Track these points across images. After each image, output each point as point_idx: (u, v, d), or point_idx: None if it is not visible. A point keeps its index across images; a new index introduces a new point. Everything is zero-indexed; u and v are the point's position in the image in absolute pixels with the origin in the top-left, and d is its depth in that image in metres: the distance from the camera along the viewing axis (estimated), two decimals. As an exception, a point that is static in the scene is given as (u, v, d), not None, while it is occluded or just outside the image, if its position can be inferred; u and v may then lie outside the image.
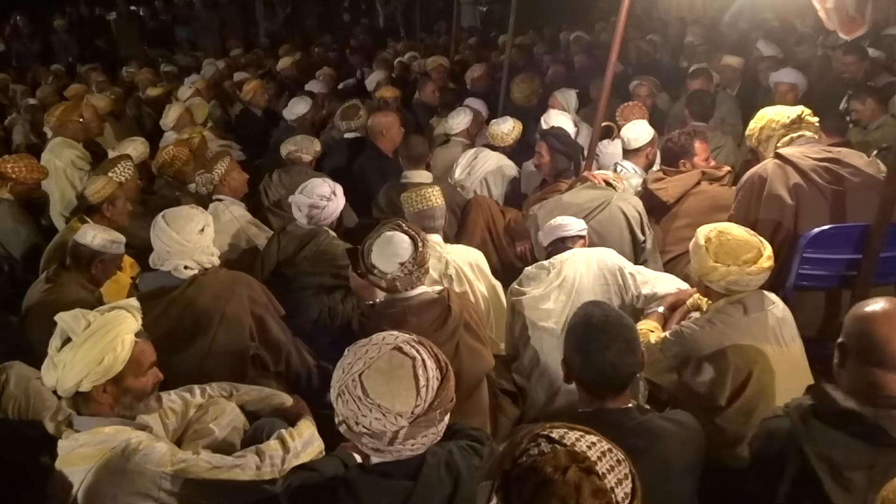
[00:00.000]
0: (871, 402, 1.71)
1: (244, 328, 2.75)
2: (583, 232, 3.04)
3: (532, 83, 5.77)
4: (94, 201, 3.66)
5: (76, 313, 1.95)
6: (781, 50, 6.54)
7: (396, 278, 2.48)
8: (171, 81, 7.72)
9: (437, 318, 2.53)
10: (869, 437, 1.70)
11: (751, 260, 2.37)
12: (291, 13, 12.96)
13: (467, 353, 2.55)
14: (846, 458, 1.71)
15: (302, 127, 5.56)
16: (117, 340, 1.92)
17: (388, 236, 2.52)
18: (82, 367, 1.88)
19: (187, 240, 2.72)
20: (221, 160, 3.97)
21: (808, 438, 1.76)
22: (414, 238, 2.52)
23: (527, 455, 1.20)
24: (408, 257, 2.47)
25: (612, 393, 1.89)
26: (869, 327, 1.73)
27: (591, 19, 9.99)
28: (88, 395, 1.93)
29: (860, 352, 1.74)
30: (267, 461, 2.03)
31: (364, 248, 2.56)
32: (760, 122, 3.25)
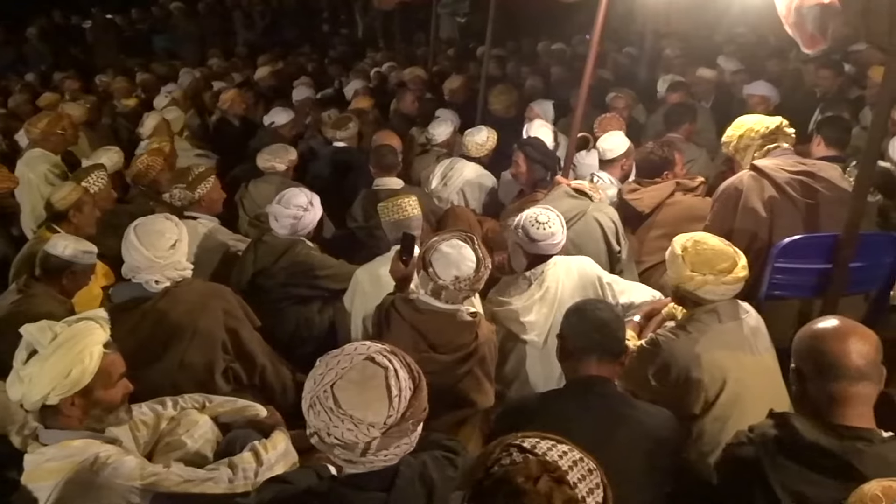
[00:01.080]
0: (836, 434, 1.70)
1: (217, 342, 2.72)
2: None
3: (510, 94, 5.81)
4: (60, 208, 3.61)
5: (42, 325, 1.92)
6: (753, 64, 6.66)
7: (445, 288, 2.46)
8: (147, 91, 7.65)
9: (463, 339, 2.53)
10: (836, 473, 1.67)
11: (726, 269, 2.41)
12: (270, 23, 12.91)
13: (475, 384, 2.55)
14: (814, 493, 1.69)
15: (281, 137, 5.54)
16: (85, 352, 1.89)
17: (458, 245, 2.50)
18: (49, 379, 1.85)
19: (158, 256, 2.67)
20: (206, 180, 3.89)
21: (775, 471, 1.74)
22: (480, 260, 2.50)
23: (498, 465, 1.20)
24: (466, 275, 2.46)
25: (599, 356, 2.07)
26: (821, 345, 1.74)
27: (568, 32, 10.08)
28: (56, 409, 1.90)
29: (817, 371, 1.74)
30: (240, 474, 2.01)
31: (430, 244, 2.53)
32: (738, 130, 3.27)
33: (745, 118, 3.35)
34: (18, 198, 4.74)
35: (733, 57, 6.98)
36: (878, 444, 1.68)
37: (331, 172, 4.93)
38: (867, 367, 1.70)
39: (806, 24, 2.56)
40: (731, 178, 3.23)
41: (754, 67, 6.61)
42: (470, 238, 2.56)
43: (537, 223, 2.90)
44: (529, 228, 2.91)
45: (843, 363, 1.70)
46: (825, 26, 2.48)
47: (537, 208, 2.99)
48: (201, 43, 11.65)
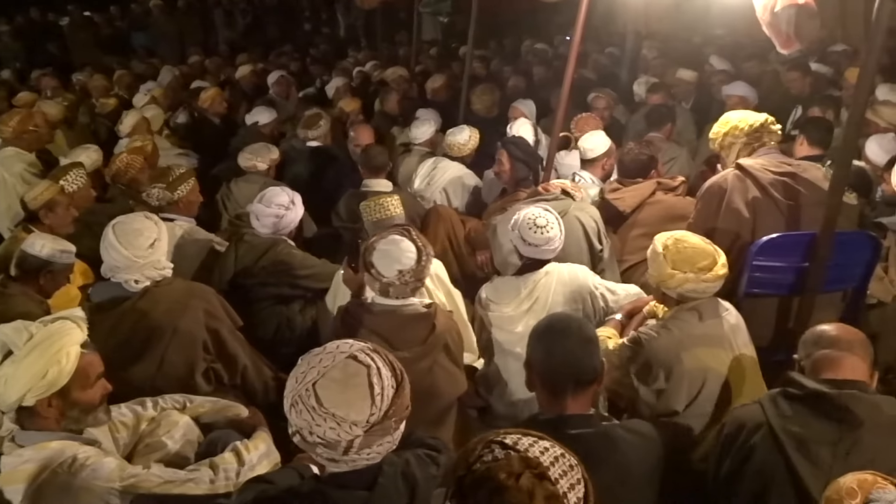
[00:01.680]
0: (834, 385, 1.85)
1: (197, 342, 2.69)
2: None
3: (493, 94, 5.82)
4: (32, 207, 3.57)
5: (17, 325, 1.90)
6: (732, 65, 6.74)
7: (391, 284, 2.46)
8: (126, 89, 7.56)
9: (420, 333, 2.52)
10: (834, 416, 1.82)
11: (706, 267, 2.43)
12: (252, 22, 12.83)
13: (442, 374, 2.54)
14: (813, 434, 1.83)
15: (262, 135, 5.51)
16: (62, 353, 1.87)
17: (396, 239, 2.50)
18: (25, 381, 1.83)
19: (137, 256, 2.63)
20: (186, 182, 3.84)
21: (776, 416, 1.88)
22: (420, 249, 2.50)
23: (480, 461, 1.21)
24: (409, 266, 2.46)
25: (573, 389, 1.87)
26: (822, 332, 1.99)
27: (549, 32, 10.14)
28: (33, 410, 1.88)
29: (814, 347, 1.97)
30: (221, 474, 2.00)
31: (368, 245, 2.53)
32: (724, 127, 3.25)
33: (732, 114, 3.31)
34: (-7, 196, 4.68)
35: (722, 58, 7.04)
36: (871, 394, 1.86)
37: (310, 172, 4.92)
38: (857, 344, 1.93)
39: (780, 25, 2.59)
40: (716, 176, 3.24)
41: (733, 68, 6.69)
42: (407, 230, 2.56)
43: (535, 226, 2.80)
44: (526, 231, 2.82)
45: (836, 336, 1.94)
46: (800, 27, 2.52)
47: (537, 209, 2.88)
48: (180, 41, 11.54)
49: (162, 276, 2.73)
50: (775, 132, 3.19)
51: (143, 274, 2.67)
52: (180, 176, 3.88)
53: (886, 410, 1.81)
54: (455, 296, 3.20)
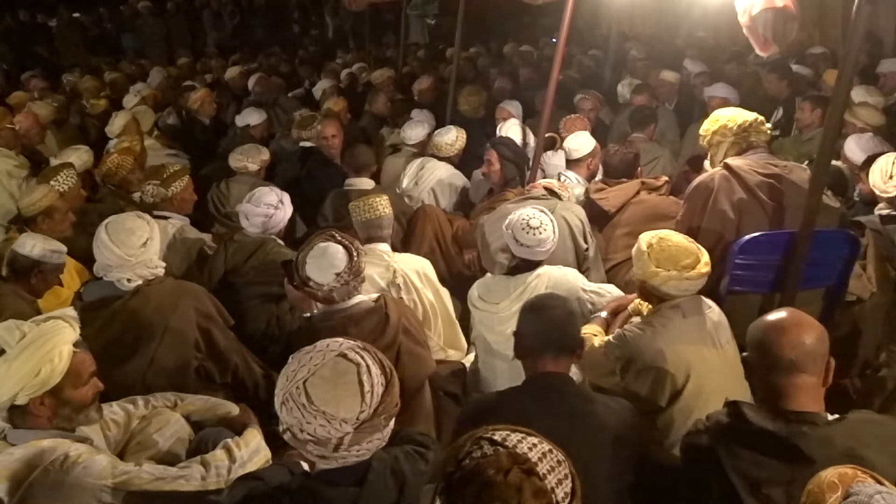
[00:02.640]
0: (783, 418, 1.77)
1: (188, 340, 2.70)
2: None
3: (479, 95, 5.86)
4: (28, 214, 3.55)
5: (9, 325, 1.90)
6: (713, 67, 6.80)
7: (333, 289, 2.48)
8: (116, 90, 7.55)
9: (376, 326, 2.55)
10: (784, 456, 1.74)
11: (689, 266, 2.47)
12: (240, 23, 12.80)
13: (408, 359, 2.58)
14: (765, 475, 1.76)
15: (251, 137, 5.52)
16: (54, 352, 1.88)
17: (322, 248, 2.51)
18: (17, 380, 1.84)
19: (129, 254, 2.63)
20: (180, 178, 3.87)
21: (728, 457, 1.81)
22: (348, 248, 2.52)
23: (469, 457, 1.23)
24: (343, 267, 2.47)
25: (554, 353, 2.09)
26: (763, 337, 1.84)
27: (534, 34, 10.18)
28: (25, 409, 1.88)
29: (758, 362, 1.85)
30: (212, 471, 2.00)
31: (298, 260, 2.54)
32: (714, 124, 3.20)
33: (722, 112, 3.28)
34: (-19, 196, 4.66)
35: (698, 60, 7.12)
36: (822, 426, 1.76)
37: (300, 172, 4.94)
38: (801, 358, 1.77)
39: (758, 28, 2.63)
40: (704, 175, 3.25)
41: (714, 70, 6.75)
42: (329, 235, 2.57)
43: (529, 227, 2.84)
44: (519, 232, 2.85)
45: (777, 354, 1.79)
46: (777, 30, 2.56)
47: (532, 210, 2.92)
48: (168, 43, 11.50)
49: (154, 274, 2.74)
50: (764, 132, 3.19)
51: (135, 272, 2.67)
52: (174, 173, 3.89)
53: (839, 442, 1.72)
54: (443, 294, 3.23)
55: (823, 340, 1.82)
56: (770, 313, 1.90)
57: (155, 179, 3.84)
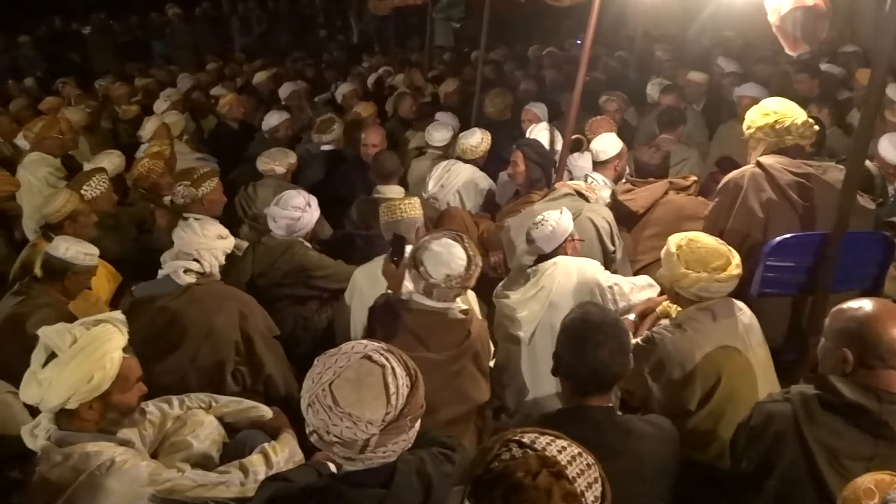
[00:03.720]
0: (876, 397, 1.77)
1: (230, 342, 2.76)
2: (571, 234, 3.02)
3: (505, 97, 5.86)
4: (54, 220, 3.59)
5: (60, 328, 1.91)
6: (741, 67, 6.71)
7: (436, 286, 2.49)
8: (147, 95, 7.68)
9: (455, 337, 2.55)
10: (871, 430, 1.77)
11: (720, 267, 2.44)
12: (267, 29, 12.94)
13: (469, 381, 2.58)
14: (847, 447, 1.78)
15: (277, 139, 5.58)
16: (106, 358, 1.90)
17: (448, 244, 2.52)
18: (70, 385, 1.85)
19: (206, 235, 2.87)
20: (210, 179, 3.94)
21: (810, 425, 1.81)
22: (471, 258, 2.53)
23: (498, 460, 1.22)
24: (457, 273, 2.49)
25: (597, 391, 1.94)
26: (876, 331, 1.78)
27: (559, 36, 10.15)
28: (73, 412, 1.90)
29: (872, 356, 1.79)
30: (251, 477, 2.03)
31: (421, 244, 2.56)
32: (762, 119, 3.08)
33: (772, 106, 3.12)
34: (20, 201, 4.77)
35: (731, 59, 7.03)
36: None
37: (324, 175, 4.97)
38: None
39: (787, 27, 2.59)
40: (735, 172, 3.21)
41: (743, 70, 6.66)
42: (460, 237, 2.59)
43: (533, 224, 2.99)
44: (529, 231, 3.01)
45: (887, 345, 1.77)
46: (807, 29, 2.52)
47: (546, 212, 3.05)
48: (197, 49, 11.67)
49: (211, 264, 2.87)
50: (811, 136, 3.11)
51: (200, 252, 2.84)
52: (204, 174, 3.97)
53: None
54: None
55: None
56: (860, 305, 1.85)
57: (185, 180, 3.92)
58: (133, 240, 4.17)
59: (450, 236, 2.57)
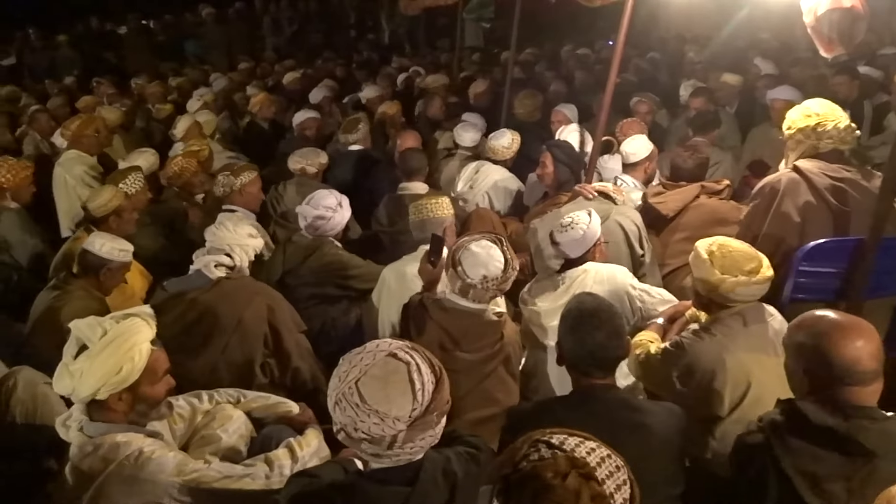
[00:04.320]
0: (842, 414, 1.74)
1: (259, 335, 2.81)
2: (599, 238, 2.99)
3: (535, 99, 5.84)
4: (99, 215, 3.70)
5: (91, 321, 1.96)
6: (777, 69, 6.61)
7: (473, 287, 2.51)
8: (181, 95, 7.81)
9: (488, 339, 2.57)
10: (844, 450, 1.73)
11: (754, 270, 2.41)
12: (298, 29, 13.07)
13: (498, 383, 2.59)
14: (825, 470, 1.74)
15: (307, 139, 5.63)
16: (135, 350, 1.94)
17: (487, 245, 2.55)
18: (100, 376, 1.89)
19: (238, 233, 2.95)
20: (248, 171, 4.06)
21: (785, 454, 1.78)
22: (508, 262, 2.55)
23: (527, 460, 1.22)
24: (494, 274, 2.51)
25: (600, 372, 2.07)
26: (831, 349, 1.74)
27: (590, 37, 10.08)
28: (103, 403, 1.94)
29: (830, 376, 1.75)
30: (276, 471, 2.05)
31: (460, 244, 2.58)
32: (804, 121, 3.02)
33: (815, 108, 3.05)
34: (55, 196, 4.89)
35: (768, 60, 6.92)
36: (881, 420, 1.74)
37: (353, 174, 5.01)
38: (879, 366, 1.75)
39: (822, 29, 2.55)
40: (771, 176, 3.16)
41: (779, 72, 6.56)
42: (499, 239, 2.60)
43: (560, 227, 2.93)
44: (555, 234, 2.95)
45: (860, 369, 1.73)
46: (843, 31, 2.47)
47: (572, 212, 2.99)
48: (230, 48, 11.83)
49: (241, 258, 2.95)
50: (852, 141, 3.05)
51: (231, 247, 2.92)
52: (243, 166, 4.11)
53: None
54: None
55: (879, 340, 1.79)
56: (816, 318, 1.82)
57: (225, 171, 4.05)
58: (166, 237, 4.25)
59: (489, 238, 2.59)
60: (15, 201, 4.21)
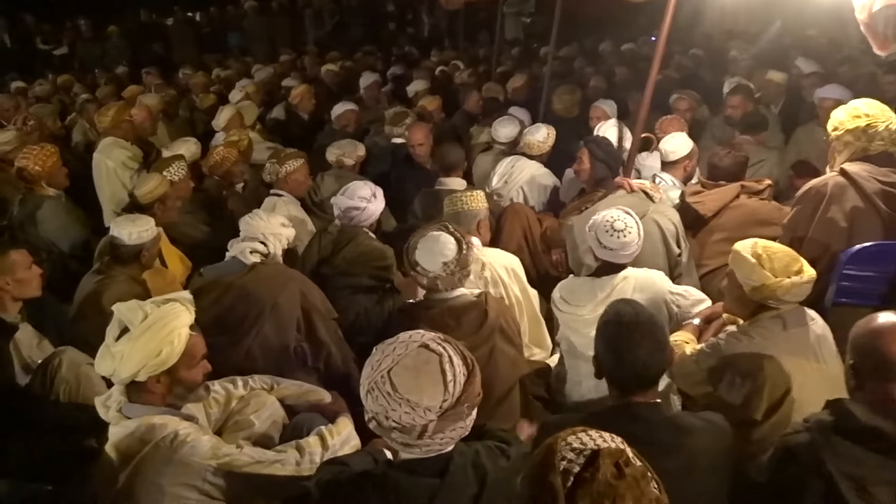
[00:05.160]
0: (893, 418, 1.72)
1: (293, 319, 2.88)
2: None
3: (574, 94, 5.79)
4: (146, 202, 3.78)
5: (133, 305, 2.02)
6: (824, 69, 6.42)
7: (438, 277, 2.54)
8: (224, 86, 7.94)
9: (474, 321, 2.58)
10: (893, 453, 1.70)
11: (800, 270, 2.36)
12: (339, 22, 13.18)
13: (501, 358, 2.59)
14: (871, 474, 1.71)
15: (345, 131, 5.68)
16: (174, 334, 1.99)
17: (434, 235, 2.59)
18: (140, 358, 1.95)
19: (271, 223, 3.05)
20: (295, 159, 4.15)
21: (831, 455, 1.75)
22: (459, 240, 2.59)
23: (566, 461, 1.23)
24: (451, 257, 2.54)
25: (641, 389, 1.96)
26: (882, 346, 1.73)
27: (632, 32, 9.95)
28: (142, 385, 2.00)
29: (876, 371, 1.74)
30: (307, 458, 2.09)
31: (409, 245, 2.63)
32: (855, 121, 2.93)
33: (865, 107, 2.98)
34: (97, 184, 4.99)
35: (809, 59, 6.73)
36: None
37: (391, 167, 5.02)
38: None
39: (877, 26, 2.48)
40: (817, 180, 3.08)
41: (826, 72, 6.37)
42: (443, 226, 2.64)
43: (612, 230, 2.75)
44: (602, 234, 2.78)
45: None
46: (894, 28, 2.40)
47: (616, 211, 2.82)
48: (272, 41, 11.99)
49: (274, 246, 3.03)
50: None
51: (265, 235, 2.99)
52: (289, 153, 4.19)
53: None
54: (530, 292, 3.22)
55: None
56: (876, 318, 1.79)
57: (272, 159, 4.16)
58: (207, 225, 4.33)
59: (433, 229, 2.63)
60: (52, 187, 4.29)
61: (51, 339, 2.93)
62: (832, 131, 3.05)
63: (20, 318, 2.86)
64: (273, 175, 4.12)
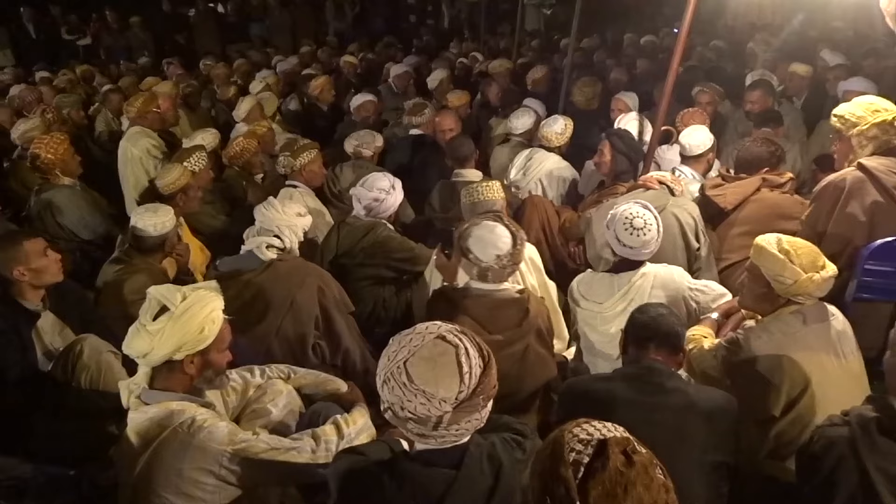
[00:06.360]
0: None
1: (311, 316, 2.89)
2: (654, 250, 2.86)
3: (594, 86, 5.74)
4: (168, 192, 3.82)
5: (171, 287, 2.07)
6: (848, 60, 6.30)
7: (490, 269, 2.53)
8: (245, 77, 7.98)
9: (514, 316, 2.57)
10: None
11: (824, 265, 2.34)
12: (360, 14, 13.20)
13: (534, 358, 2.59)
14: None
15: (365, 122, 5.69)
16: (214, 314, 2.04)
17: (490, 226, 2.58)
18: (182, 334, 1.98)
19: (286, 213, 3.03)
20: (308, 151, 4.16)
21: (870, 451, 1.74)
22: (514, 235, 2.58)
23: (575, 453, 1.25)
24: (506, 251, 2.53)
25: (656, 344, 2.17)
26: None
27: (654, 24, 9.85)
28: (175, 365, 2.02)
29: None
30: (322, 446, 2.10)
31: (463, 231, 2.61)
32: (875, 116, 2.94)
33: (880, 101, 3.01)
34: (121, 172, 5.05)
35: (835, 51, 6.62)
36: None
37: (410, 159, 5.03)
38: None
39: (903, 13, 2.43)
40: (835, 175, 3.05)
41: (851, 65, 6.25)
42: (498, 216, 2.63)
43: (632, 228, 2.73)
44: (622, 231, 2.75)
45: None
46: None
47: (636, 207, 2.79)
48: (293, 32, 12.02)
49: (291, 240, 3.03)
50: None
51: (280, 228, 2.99)
52: (304, 145, 4.19)
53: None
54: (548, 283, 3.22)
55: None
56: None
57: (286, 151, 4.16)
58: (227, 215, 4.37)
59: (489, 218, 2.62)
60: (66, 175, 4.31)
61: (73, 326, 2.96)
62: (853, 127, 3.00)
63: (42, 305, 2.89)
64: (288, 167, 4.14)
